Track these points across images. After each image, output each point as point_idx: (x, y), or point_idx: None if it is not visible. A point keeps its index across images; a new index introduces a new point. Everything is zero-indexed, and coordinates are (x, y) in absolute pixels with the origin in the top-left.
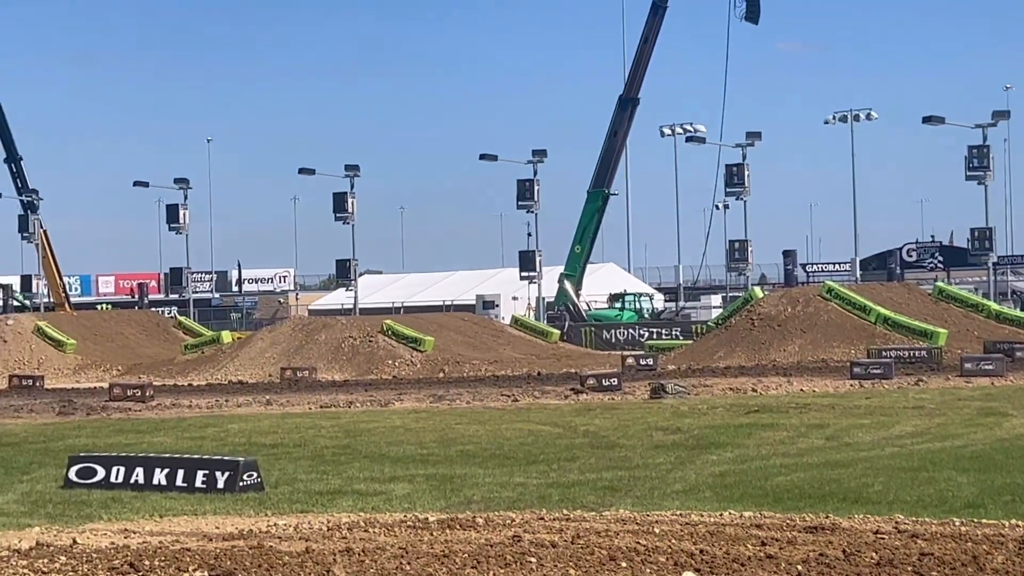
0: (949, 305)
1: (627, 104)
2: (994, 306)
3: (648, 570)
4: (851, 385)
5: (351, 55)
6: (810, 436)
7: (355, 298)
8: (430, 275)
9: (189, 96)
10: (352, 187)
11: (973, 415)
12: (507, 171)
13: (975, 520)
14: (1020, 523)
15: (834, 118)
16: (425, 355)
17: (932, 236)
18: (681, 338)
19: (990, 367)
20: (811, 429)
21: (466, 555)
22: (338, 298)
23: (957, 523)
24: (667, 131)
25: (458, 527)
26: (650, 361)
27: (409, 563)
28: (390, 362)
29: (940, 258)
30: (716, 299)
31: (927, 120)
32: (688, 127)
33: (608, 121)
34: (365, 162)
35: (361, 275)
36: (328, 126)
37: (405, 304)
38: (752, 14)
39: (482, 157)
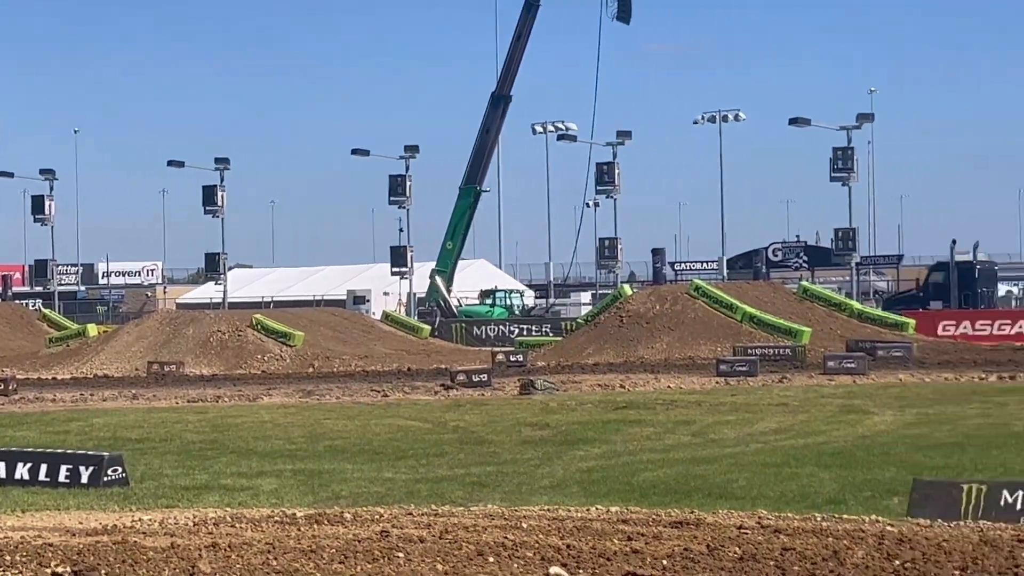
0: (813, 304)
1: (499, 101)
2: (857, 305)
3: (515, 565)
4: (717, 382)
5: (223, 47)
6: (677, 432)
7: (224, 292)
8: (301, 270)
9: (56, 87)
10: (222, 180)
11: (835, 412)
12: (379, 166)
13: (836, 515)
14: (880, 519)
15: (703, 118)
16: (295, 350)
17: (797, 236)
18: (551, 335)
19: (852, 365)
20: (678, 425)
21: (333, 550)
22: (207, 292)
23: (819, 518)
24: (539, 129)
25: (326, 522)
26: (520, 357)
27: (276, 558)
28: (259, 357)
29: (805, 258)
30: (586, 296)
31: (793, 122)
32: (560, 125)
33: (481, 118)
34: (236, 155)
35: (230, 269)
36: (198, 119)
37: (275, 299)
38: (623, 14)
39: (354, 152)
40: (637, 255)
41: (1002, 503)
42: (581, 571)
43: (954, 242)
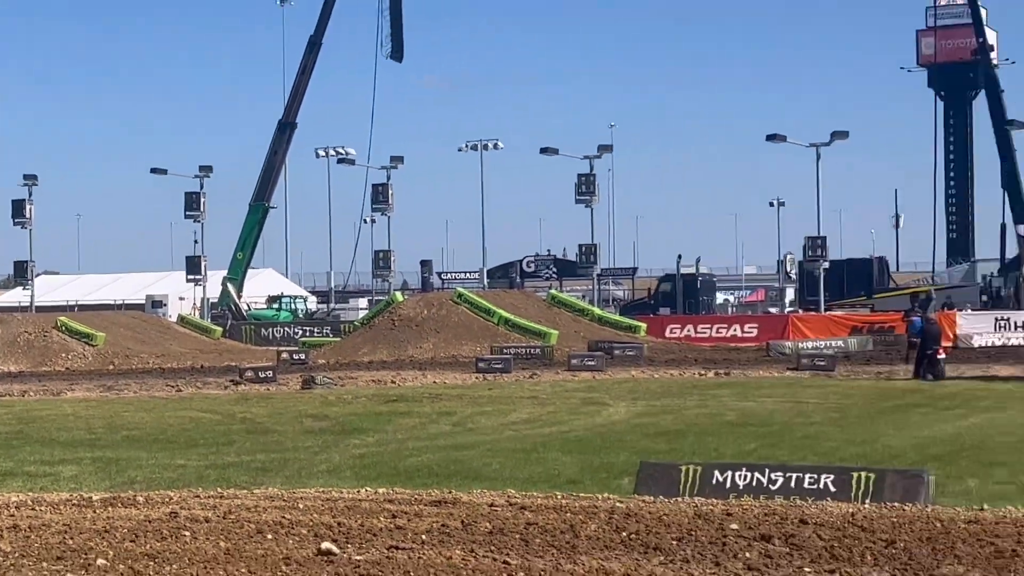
0: (560, 310)
1: (286, 128)
2: (597, 311)
3: (291, 541)
4: (477, 378)
5: (30, 64)
6: (440, 422)
7: (31, 296)
8: (104, 276)
9: None
10: (30, 195)
11: (578, 404)
12: (177, 184)
13: (574, 494)
14: (611, 496)
15: (466, 146)
16: (97, 349)
17: (548, 250)
18: (331, 336)
19: (593, 363)
20: (441, 416)
21: (126, 530)
22: (16, 296)
23: (559, 497)
24: (321, 153)
25: (120, 505)
26: (303, 356)
27: (72, 538)
28: (63, 355)
29: (554, 269)
30: (363, 302)
31: (544, 151)
32: (340, 150)
33: (269, 142)
34: (44, 170)
35: (38, 275)
36: (9, 136)
37: (80, 302)
38: (397, 53)
39: (153, 171)
40: (408, 265)
41: (714, 482)
42: (350, 546)
43: (679, 257)
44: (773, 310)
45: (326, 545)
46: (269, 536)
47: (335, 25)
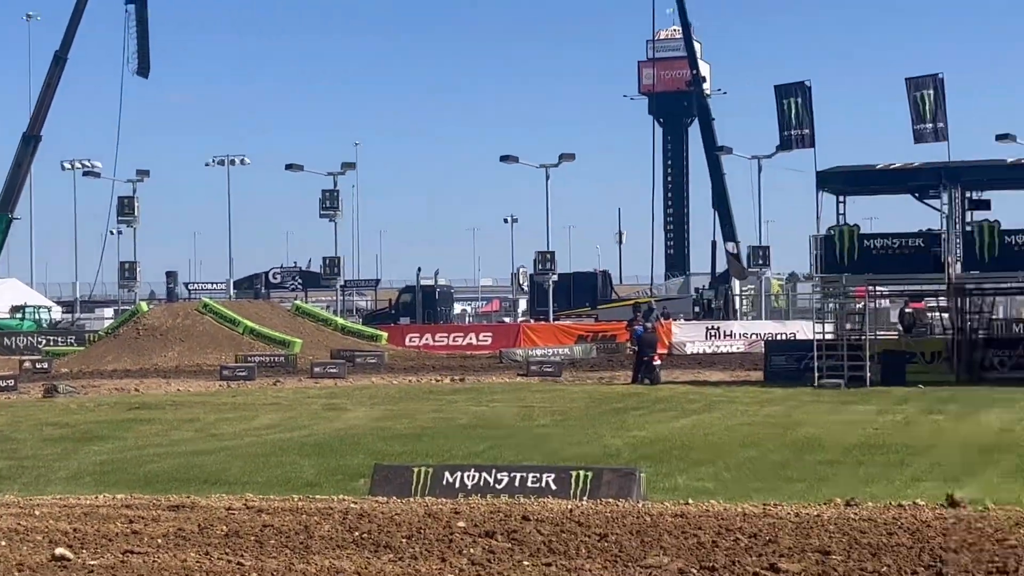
0: (305, 320)
1: (30, 140)
2: (341, 321)
3: (25, 548)
4: (220, 385)
5: None
6: (182, 429)
7: None
8: None
9: None
10: None
11: (319, 410)
12: None
13: (311, 496)
14: (347, 497)
15: (213, 161)
16: None
17: (295, 262)
18: (76, 345)
19: (335, 371)
20: (183, 423)
21: None
22: None
23: (296, 499)
24: (67, 165)
25: None
26: (46, 365)
27: None
28: None
29: (300, 280)
30: (109, 311)
31: (289, 167)
32: (86, 163)
33: (14, 153)
34: None
35: None
36: None
37: None
38: (143, 70)
39: None
40: (155, 276)
41: (444, 483)
42: (84, 551)
43: (419, 269)
44: (506, 320)
45: (60, 551)
46: (3, 543)
47: (82, 40)
